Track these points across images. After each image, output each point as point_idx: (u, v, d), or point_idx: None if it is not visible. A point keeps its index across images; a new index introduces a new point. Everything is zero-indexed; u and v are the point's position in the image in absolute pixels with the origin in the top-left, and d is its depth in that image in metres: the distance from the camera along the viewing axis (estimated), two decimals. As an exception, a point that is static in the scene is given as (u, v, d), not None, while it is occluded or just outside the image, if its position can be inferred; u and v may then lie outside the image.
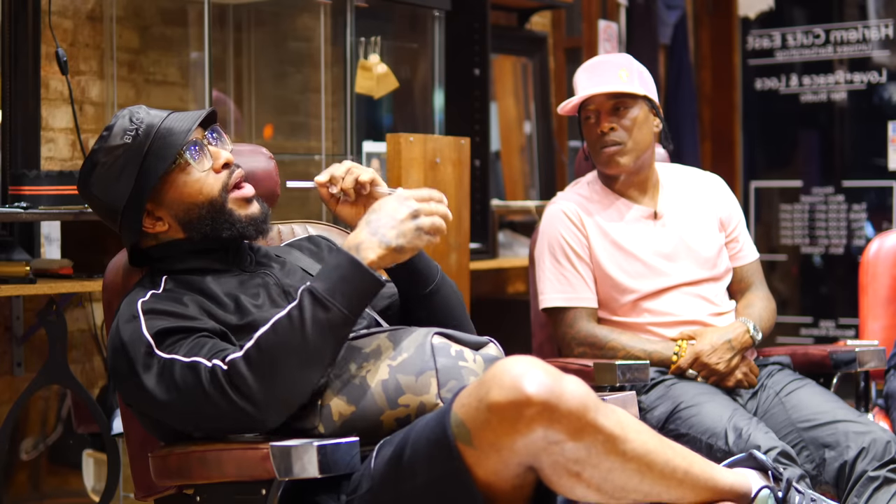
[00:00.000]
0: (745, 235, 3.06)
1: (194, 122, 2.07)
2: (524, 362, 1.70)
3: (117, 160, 2.04)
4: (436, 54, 4.12)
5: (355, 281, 1.87)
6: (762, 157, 5.66)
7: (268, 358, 1.85)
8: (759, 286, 3.05)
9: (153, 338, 1.92)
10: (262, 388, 1.84)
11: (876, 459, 2.56)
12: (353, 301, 1.87)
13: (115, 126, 2.07)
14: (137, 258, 2.15)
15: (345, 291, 1.86)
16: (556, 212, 2.97)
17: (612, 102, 2.90)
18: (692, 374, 2.84)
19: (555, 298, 2.93)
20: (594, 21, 5.06)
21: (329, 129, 3.96)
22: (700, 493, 1.80)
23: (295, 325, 1.85)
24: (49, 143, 3.43)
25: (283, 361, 1.85)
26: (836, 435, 2.62)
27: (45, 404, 3.51)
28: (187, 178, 2.06)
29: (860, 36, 5.30)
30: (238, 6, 3.98)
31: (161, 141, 2.04)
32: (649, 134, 2.93)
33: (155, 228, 2.09)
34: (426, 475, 1.76)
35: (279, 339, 1.85)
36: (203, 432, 1.96)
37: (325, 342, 1.86)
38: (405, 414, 1.90)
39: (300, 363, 1.85)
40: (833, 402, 2.74)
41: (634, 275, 2.91)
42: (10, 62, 3.16)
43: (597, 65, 2.96)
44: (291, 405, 1.88)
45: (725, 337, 2.85)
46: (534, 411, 1.66)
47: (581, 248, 2.92)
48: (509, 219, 4.88)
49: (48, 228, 3.30)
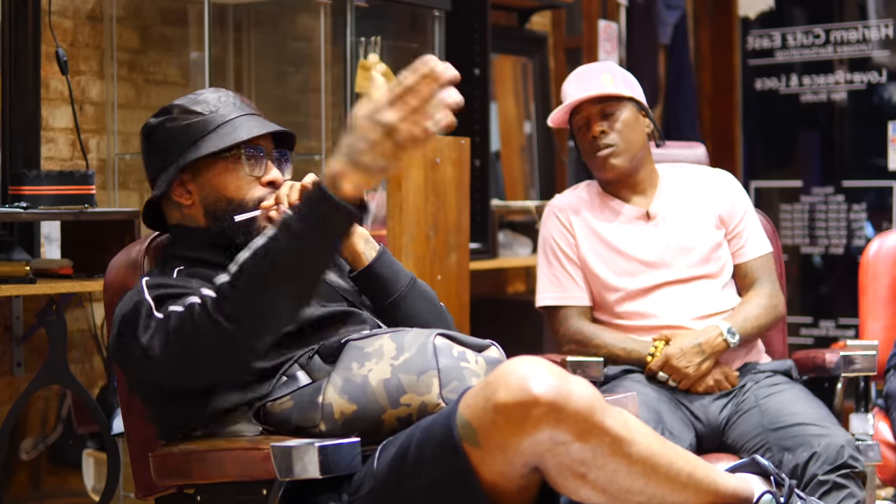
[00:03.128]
0: (752, 231, 3.02)
1: (266, 129, 2.11)
2: (531, 363, 1.70)
3: (183, 123, 2.09)
4: (436, 54, 4.12)
5: (321, 209, 1.80)
6: (762, 157, 5.66)
7: (251, 279, 1.83)
8: (765, 282, 2.98)
9: (154, 300, 1.95)
10: (246, 306, 1.84)
11: (827, 463, 2.51)
12: (321, 228, 1.81)
13: (202, 94, 2.14)
14: (152, 219, 2.19)
15: (311, 219, 1.80)
16: (549, 213, 3.04)
17: (600, 107, 2.94)
18: (662, 377, 2.84)
19: (546, 297, 3.00)
20: (594, 21, 5.06)
21: (329, 129, 3.96)
22: (703, 496, 1.80)
23: (270, 249, 1.82)
24: (49, 143, 3.43)
25: (263, 282, 1.83)
26: (795, 438, 2.59)
27: (45, 404, 3.50)
28: (232, 173, 2.09)
29: (860, 36, 5.30)
30: (238, 6, 3.98)
31: (229, 129, 2.08)
32: (641, 134, 2.97)
33: (181, 198, 2.12)
34: (431, 475, 1.76)
35: (259, 262, 1.83)
36: (205, 381, 1.95)
37: (299, 266, 1.83)
38: (407, 413, 1.90)
39: (277, 284, 1.83)
40: (806, 406, 2.70)
41: (621, 273, 2.93)
42: (10, 62, 3.15)
43: (581, 74, 3.01)
44: (273, 328, 1.88)
45: (696, 341, 2.83)
46: (541, 412, 1.66)
47: (569, 247, 2.98)
48: (509, 219, 4.88)
49: (48, 228, 3.30)
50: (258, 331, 1.87)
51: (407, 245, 3.15)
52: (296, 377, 1.97)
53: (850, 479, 2.52)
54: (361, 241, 2.18)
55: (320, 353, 1.98)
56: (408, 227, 3.15)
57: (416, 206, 3.17)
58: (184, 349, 1.89)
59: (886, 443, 3.07)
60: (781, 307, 2.99)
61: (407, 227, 3.15)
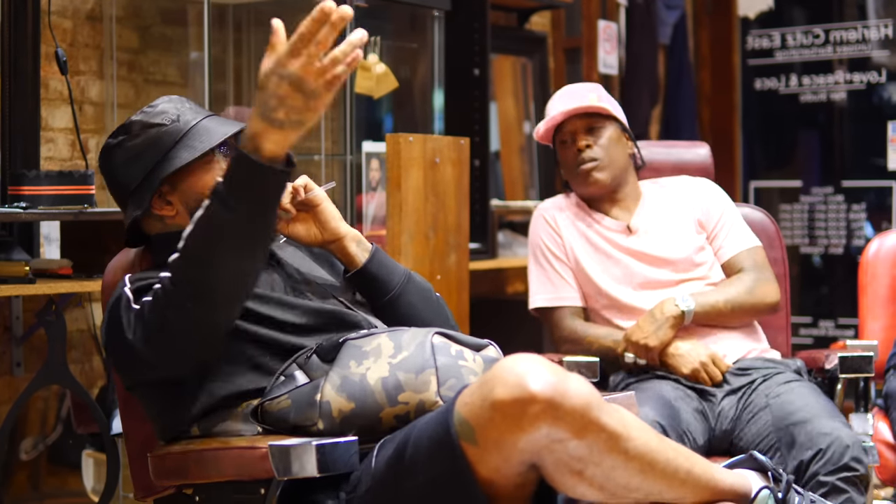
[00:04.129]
0: (731, 229, 3.02)
1: (235, 127, 2.10)
2: (528, 360, 1.71)
3: (147, 138, 2.08)
4: (436, 54, 4.12)
5: (243, 173, 1.78)
6: (762, 157, 5.66)
7: (196, 249, 1.83)
8: (749, 271, 2.96)
9: (133, 293, 1.96)
10: (197, 275, 1.84)
11: (830, 464, 2.48)
12: (245, 194, 1.79)
13: (158, 106, 2.10)
14: (136, 239, 2.17)
15: (236, 184, 1.79)
16: (536, 216, 3.09)
17: (586, 122, 2.99)
18: (630, 358, 2.84)
19: (539, 299, 3.03)
20: (594, 21, 5.06)
21: (329, 129, 3.96)
22: (701, 493, 1.81)
23: (206, 219, 1.82)
24: (49, 143, 3.43)
25: (206, 251, 1.83)
26: (802, 434, 2.56)
27: (45, 404, 3.51)
28: (210, 173, 2.09)
29: (860, 36, 5.30)
30: (238, 6, 3.98)
31: (196, 135, 2.07)
32: (624, 153, 3.02)
33: (162, 211, 2.11)
34: (428, 473, 1.76)
35: (199, 230, 1.83)
36: (188, 362, 1.94)
37: (241, 235, 1.82)
38: (405, 411, 1.90)
39: (222, 253, 1.83)
40: (815, 402, 2.67)
41: (609, 276, 2.96)
42: (10, 62, 3.16)
43: (567, 92, 3.07)
44: (229, 293, 1.87)
45: (651, 312, 2.84)
46: (538, 409, 1.66)
47: (558, 247, 3.01)
48: (509, 219, 4.88)
49: (48, 228, 3.30)
50: (215, 297, 1.86)
51: (406, 245, 3.15)
52: (294, 377, 1.97)
53: (850, 484, 2.47)
54: (353, 243, 2.18)
55: (318, 353, 1.98)
56: (407, 228, 3.15)
57: (416, 207, 3.17)
58: (158, 333, 1.89)
59: (886, 443, 3.07)
60: (769, 295, 2.94)
61: (406, 227, 3.15)
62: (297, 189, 2.12)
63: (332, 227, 2.16)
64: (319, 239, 2.17)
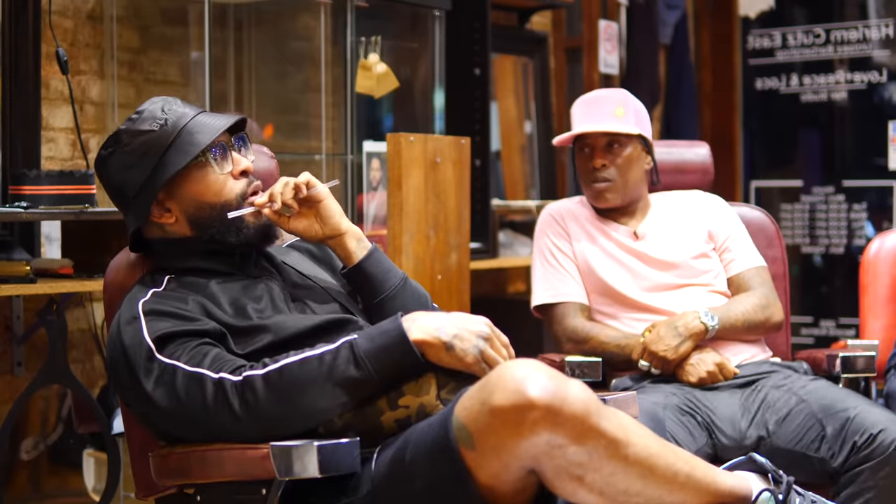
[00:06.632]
0: (741, 246, 3.02)
1: (223, 126, 2.08)
2: (527, 366, 1.71)
3: (139, 146, 2.06)
4: (436, 54, 4.12)
5: (396, 354, 1.87)
6: (762, 157, 5.66)
7: (286, 386, 1.85)
8: (758, 289, 2.96)
9: (154, 342, 1.92)
10: (270, 410, 1.85)
11: (878, 453, 2.47)
12: (386, 369, 1.87)
13: (145, 112, 2.08)
14: (138, 245, 2.16)
15: (382, 359, 1.87)
16: (544, 215, 3.07)
17: (606, 139, 2.96)
18: (644, 366, 2.81)
19: (542, 296, 2.99)
20: (594, 21, 5.06)
21: (329, 129, 3.96)
22: (702, 496, 1.80)
23: (323, 370, 1.86)
24: (49, 142, 3.43)
25: (299, 395, 1.85)
26: (849, 422, 2.54)
27: (46, 404, 3.50)
28: (206, 178, 2.07)
29: (860, 35, 5.29)
30: (238, 6, 3.98)
31: (187, 137, 2.05)
32: (640, 171, 3.00)
33: (162, 219, 2.09)
34: (427, 478, 1.76)
35: (302, 375, 1.86)
36: (197, 438, 1.95)
37: (344, 394, 1.86)
38: (405, 415, 1.90)
39: (313, 402, 1.86)
40: (850, 395, 2.67)
41: (616, 277, 2.94)
42: (10, 62, 3.16)
43: (593, 100, 3.02)
44: (287, 432, 1.87)
45: (673, 324, 2.81)
46: (537, 415, 1.66)
47: (565, 245, 2.99)
48: (510, 218, 4.87)
49: (48, 228, 3.30)
50: (276, 428, 1.87)
51: (407, 245, 3.15)
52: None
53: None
54: (353, 240, 2.17)
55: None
56: (408, 227, 3.15)
57: (417, 206, 3.17)
58: (192, 416, 1.89)
59: (886, 442, 3.07)
60: (776, 315, 2.95)
61: (407, 226, 3.15)
62: (299, 185, 2.11)
63: (333, 223, 2.16)
64: (320, 234, 2.16)
